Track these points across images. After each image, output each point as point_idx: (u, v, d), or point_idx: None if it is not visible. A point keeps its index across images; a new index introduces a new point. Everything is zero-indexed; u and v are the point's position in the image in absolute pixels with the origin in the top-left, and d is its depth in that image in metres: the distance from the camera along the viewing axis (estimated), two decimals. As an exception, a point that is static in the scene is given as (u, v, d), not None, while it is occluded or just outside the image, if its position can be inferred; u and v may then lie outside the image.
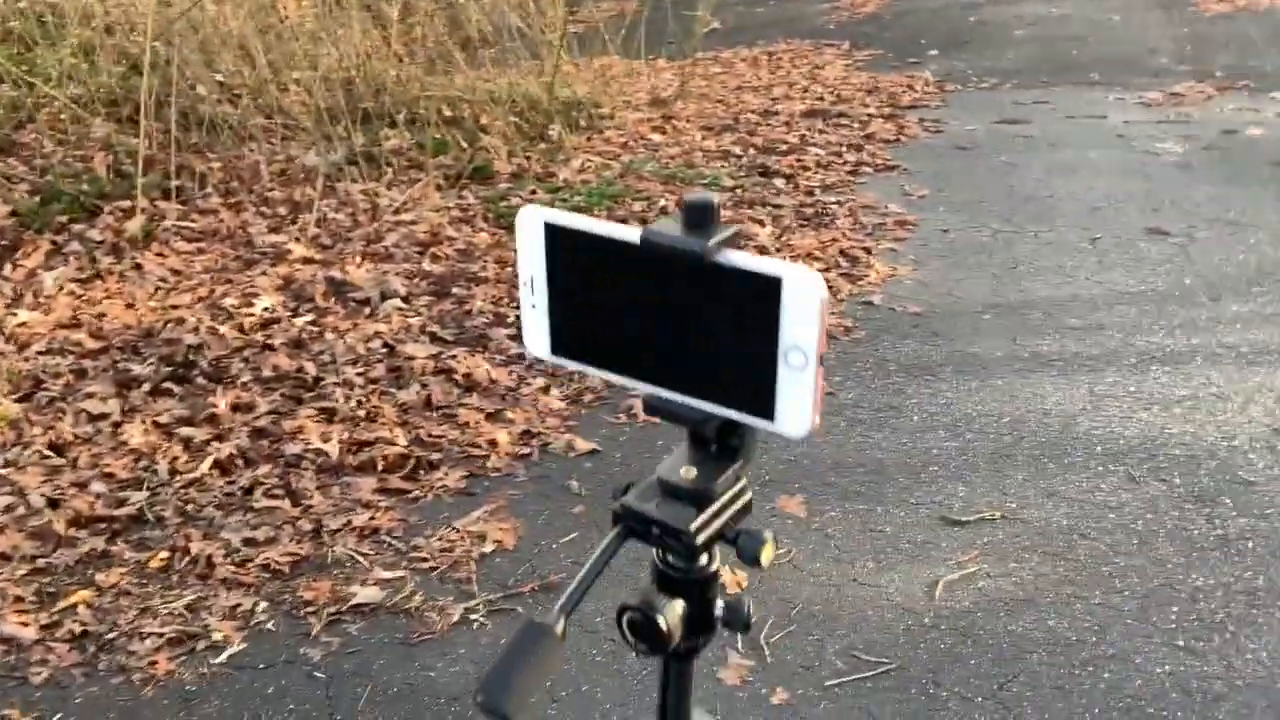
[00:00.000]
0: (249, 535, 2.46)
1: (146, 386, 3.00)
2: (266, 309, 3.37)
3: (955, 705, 2.09)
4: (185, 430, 2.82)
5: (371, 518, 2.55)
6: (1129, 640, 2.26)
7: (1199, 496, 2.73)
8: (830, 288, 3.88)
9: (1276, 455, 2.90)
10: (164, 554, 2.43)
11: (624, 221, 4.21)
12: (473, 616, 2.29)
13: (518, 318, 3.45)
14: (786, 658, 2.20)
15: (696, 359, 0.75)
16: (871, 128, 5.97)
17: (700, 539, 0.79)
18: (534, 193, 4.39)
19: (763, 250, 4.08)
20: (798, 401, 0.71)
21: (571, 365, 0.84)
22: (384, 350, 3.22)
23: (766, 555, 0.81)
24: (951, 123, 6.09)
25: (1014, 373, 3.33)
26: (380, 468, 2.71)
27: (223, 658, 2.18)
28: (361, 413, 2.91)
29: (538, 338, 0.82)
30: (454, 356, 3.18)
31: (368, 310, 3.44)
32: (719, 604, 0.86)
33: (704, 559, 0.84)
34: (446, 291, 3.56)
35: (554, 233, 0.77)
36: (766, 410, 0.73)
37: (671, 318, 0.75)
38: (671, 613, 0.79)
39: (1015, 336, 3.56)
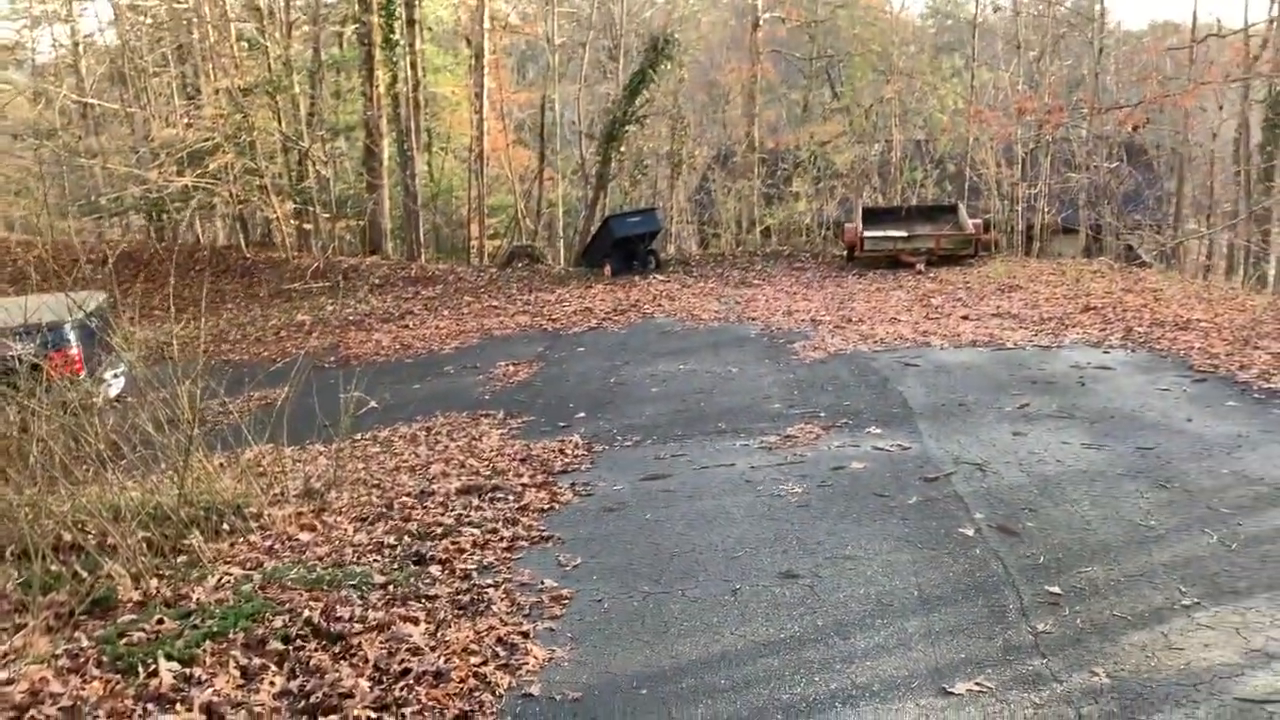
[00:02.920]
0: None
1: None
2: None
3: None
4: None
5: None
6: None
7: None
8: (489, 682, 3.79)
9: (915, 797, 3.04)
10: None
11: (263, 640, 3.96)
12: None
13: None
14: None
15: None
16: (526, 498, 6.16)
17: None
18: (160, 622, 4.04)
19: (416, 650, 3.95)
20: None
21: None
22: None
23: None
24: (600, 484, 6.42)
25: (671, 752, 3.33)
26: None
27: None
28: None
29: None
30: None
31: (-61, 806, 2.91)
32: None
33: None
34: (44, 764, 3.11)
35: None
36: None
37: None
38: None
39: (670, 709, 3.60)
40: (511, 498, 6.20)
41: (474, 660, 3.91)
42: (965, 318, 11.32)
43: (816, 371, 9.36)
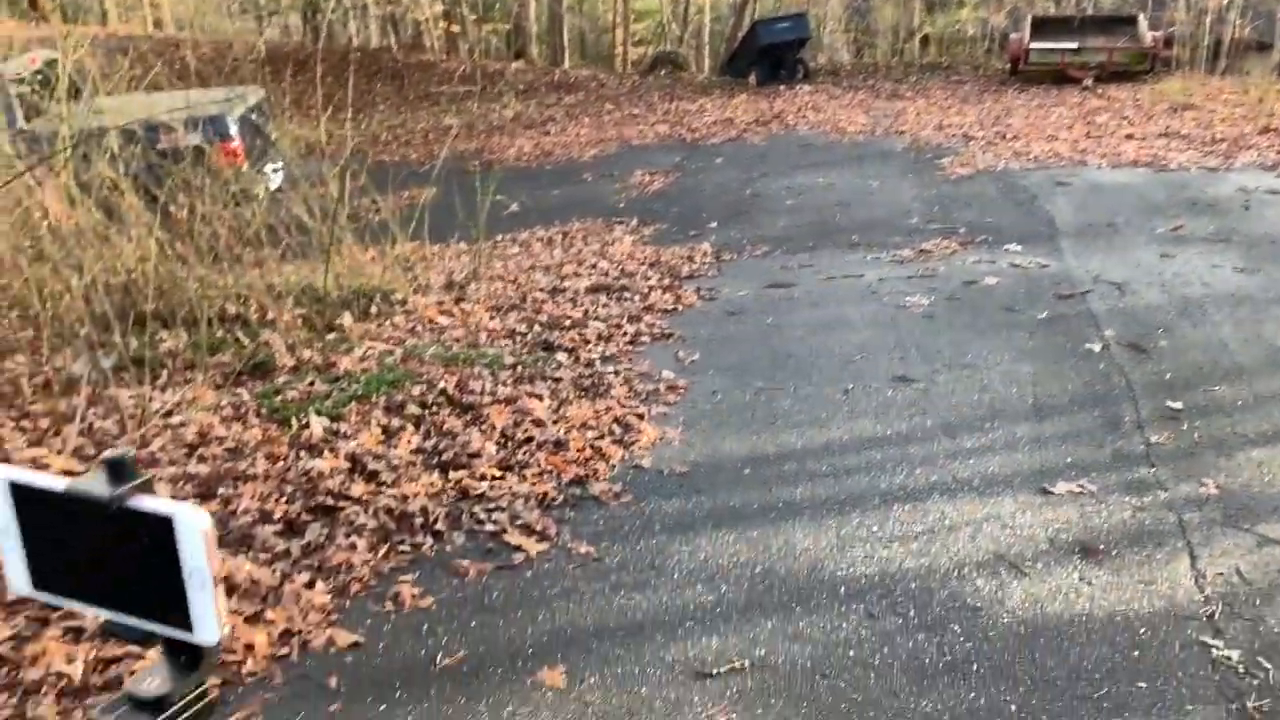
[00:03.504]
0: (-28, 774, 2.33)
1: (-127, 624, 2.82)
2: (16, 527, 3.25)
3: None
4: (-87, 667, 2.66)
5: (113, 739, 2.45)
6: (863, 773, 2.39)
7: (930, 626, 2.94)
8: (603, 454, 4.05)
9: (1000, 579, 3.17)
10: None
11: (402, 405, 4.31)
12: (215, 833, 2.22)
13: (284, 514, 3.46)
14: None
15: (129, 585, 0.87)
16: (651, 299, 6.33)
17: None
18: (312, 384, 4.44)
19: (538, 422, 4.24)
20: (206, 615, 0.84)
21: (51, 599, 0.93)
22: (141, 559, 3.14)
23: None
24: (724, 289, 6.52)
25: (768, 522, 3.53)
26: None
27: None
28: (111, 628, 2.82)
29: (18, 576, 0.92)
30: (215, 559, 3.13)
31: (128, 519, 3.37)
32: None
33: None
34: (212, 493, 3.53)
35: (17, 489, 0.88)
36: (185, 624, 0.85)
37: (105, 552, 0.87)
38: None
39: (771, 488, 3.79)
40: (637, 298, 6.38)
41: (591, 434, 4.17)
42: (1129, 137, 10.66)
43: (962, 188, 9.07)
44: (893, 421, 4.36)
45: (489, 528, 3.46)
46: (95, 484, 0.85)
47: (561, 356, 5.14)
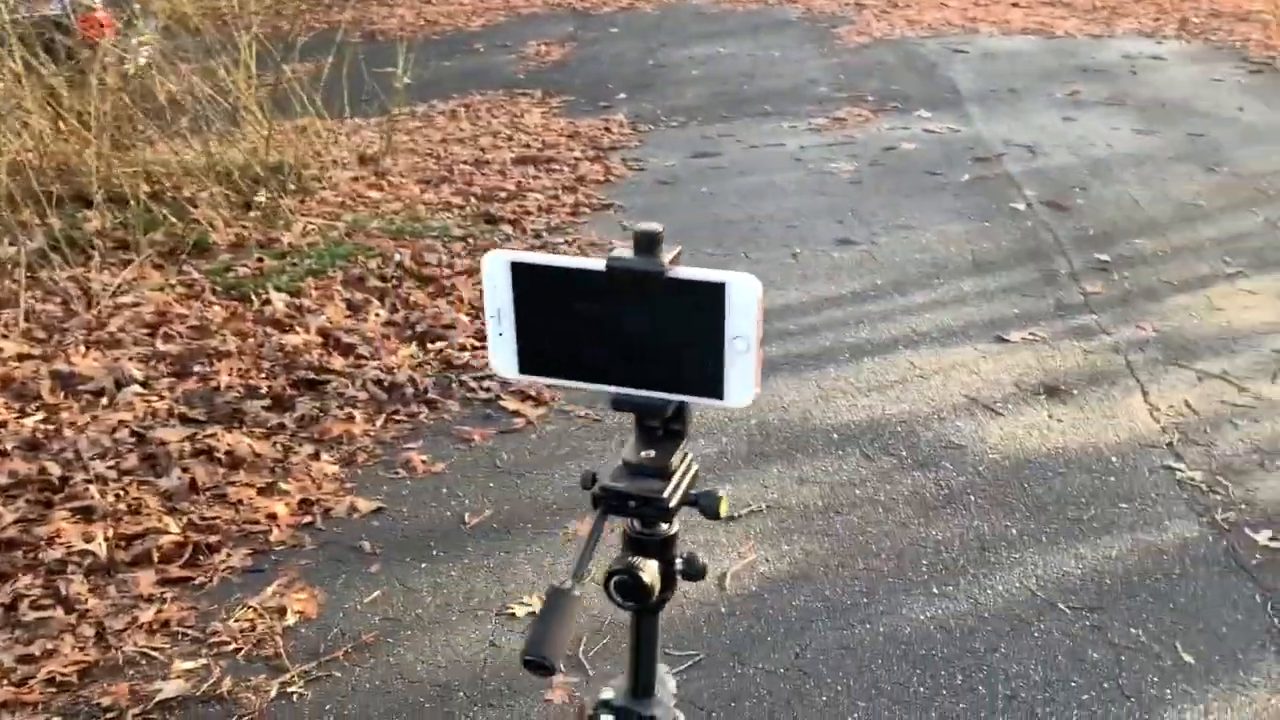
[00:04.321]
0: (24, 652, 2.27)
1: None
2: (-14, 414, 3.10)
3: (760, 679, 2.31)
4: (-84, 557, 2.55)
5: (159, 611, 2.43)
6: (893, 595, 2.57)
7: (923, 463, 3.14)
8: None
9: (976, 420, 3.38)
10: (-79, 693, 2.20)
11: (361, 279, 4.22)
12: (290, 689, 2.25)
13: (269, 389, 3.38)
14: (605, 667, 2.33)
15: (656, 358, 0.89)
16: (581, 170, 6.27)
17: (673, 503, 0.93)
18: (260, 260, 4.28)
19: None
20: (742, 379, 0.87)
21: (541, 381, 0.95)
22: (133, 439, 3.05)
23: (724, 508, 0.96)
24: (651, 160, 6.50)
25: (753, 379, 3.65)
26: (156, 559, 2.58)
27: (18, 787, 2.02)
28: (123, 506, 2.75)
29: (506, 361, 0.93)
30: (211, 435, 3.07)
31: (105, 400, 3.24)
32: (678, 561, 0.99)
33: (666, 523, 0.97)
34: (188, 371, 3.42)
35: (519, 270, 0.88)
36: (717, 391, 0.88)
37: (635, 327, 0.88)
38: (650, 570, 0.93)
39: (747, 347, 3.90)
40: (566, 169, 6.31)
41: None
42: (1015, 4, 10.92)
43: (862, 56, 9.17)
44: (844, 282, 4.51)
45: (482, 395, 3.48)
46: (634, 259, 0.86)
47: (507, 228, 5.08)
